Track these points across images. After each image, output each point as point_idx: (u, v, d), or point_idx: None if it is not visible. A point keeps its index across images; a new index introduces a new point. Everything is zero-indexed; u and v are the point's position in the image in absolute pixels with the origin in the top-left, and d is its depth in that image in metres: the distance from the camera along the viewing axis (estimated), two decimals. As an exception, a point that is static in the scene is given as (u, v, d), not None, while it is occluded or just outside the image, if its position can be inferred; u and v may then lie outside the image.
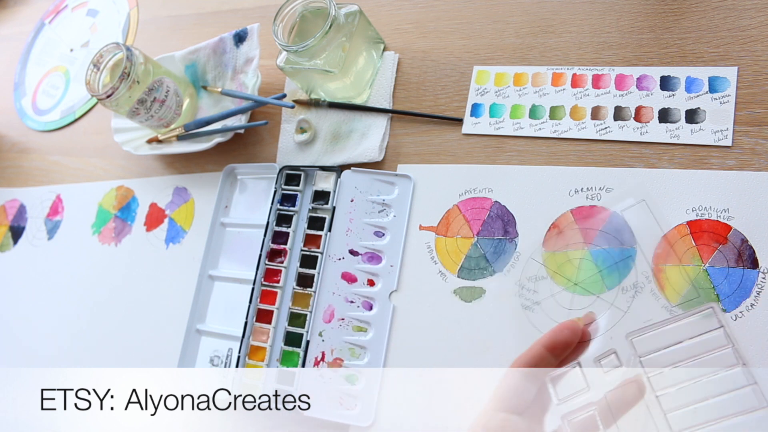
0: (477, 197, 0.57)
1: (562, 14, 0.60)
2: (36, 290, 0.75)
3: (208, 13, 0.81)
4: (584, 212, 0.52)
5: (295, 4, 0.60)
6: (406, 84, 0.64)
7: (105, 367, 0.67)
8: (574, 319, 0.46)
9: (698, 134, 0.51)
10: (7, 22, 1.01)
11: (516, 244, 0.54)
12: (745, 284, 0.46)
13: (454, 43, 0.64)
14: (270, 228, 0.62)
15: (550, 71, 0.58)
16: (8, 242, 0.81)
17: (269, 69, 0.70)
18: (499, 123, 0.58)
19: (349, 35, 0.59)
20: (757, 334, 0.45)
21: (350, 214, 0.60)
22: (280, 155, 0.66)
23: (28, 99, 0.90)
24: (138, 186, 0.74)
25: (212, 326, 0.63)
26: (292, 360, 0.58)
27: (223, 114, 0.66)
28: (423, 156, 0.60)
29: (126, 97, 0.64)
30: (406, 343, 0.55)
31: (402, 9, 0.68)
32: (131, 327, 0.67)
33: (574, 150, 0.55)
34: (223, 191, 0.67)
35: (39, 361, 0.71)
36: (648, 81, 0.54)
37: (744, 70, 0.52)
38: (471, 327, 0.53)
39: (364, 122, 0.63)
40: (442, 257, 0.56)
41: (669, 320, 0.46)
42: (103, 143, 0.79)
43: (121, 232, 0.72)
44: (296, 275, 0.60)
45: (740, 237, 0.47)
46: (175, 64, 0.71)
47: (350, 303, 0.58)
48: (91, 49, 0.87)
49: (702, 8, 0.55)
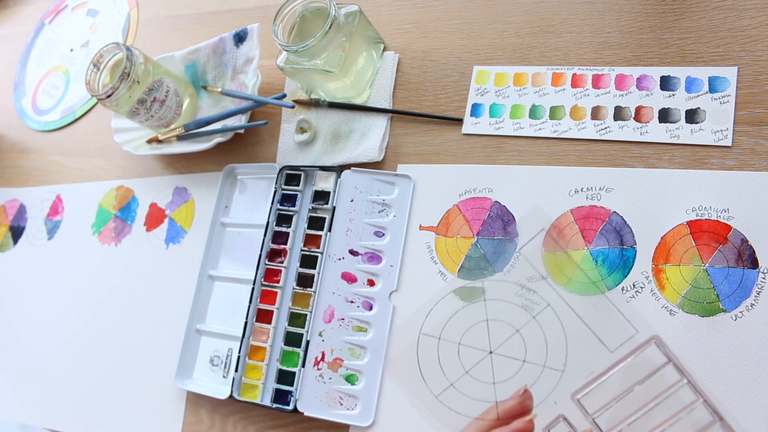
0: (477, 197, 0.57)
1: (562, 14, 0.60)
2: (36, 290, 0.75)
3: (208, 13, 0.81)
4: (584, 212, 0.52)
5: (295, 4, 0.60)
6: (406, 84, 0.64)
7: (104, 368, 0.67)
8: (506, 405, 0.43)
9: (698, 134, 0.51)
10: (7, 22, 1.01)
11: (516, 244, 0.54)
12: (745, 284, 0.46)
13: (454, 43, 0.64)
14: (270, 228, 0.62)
15: (550, 71, 0.58)
16: (8, 242, 0.81)
17: (269, 69, 0.70)
18: (499, 123, 0.58)
19: (349, 35, 0.59)
20: (757, 334, 0.45)
21: (350, 214, 0.60)
22: (280, 155, 0.66)
23: (28, 99, 0.90)
24: (138, 186, 0.74)
25: (212, 326, 0.63)
26: (292, 360, 0.58)
27: (223, 114, 0.66)
28: (423, 156, 0.60)
29: (126, 97, 0.64)
30: (406, 343, 0.55)
31: (402, 9, 0.68)
32: (131, 327, 0.67)
33: (574, 150, 0.55)
34: (223, 191, 0.67)
35: (39, 361, 0.72)
36: (648, 81, 0.54)
37: (744, 70, 0.52)
38: (471, 327, 0.53)
39: (364, 122, 0.63)
40: (442, 257, 0.56)
41: (612, 367, 0.44)
42: (103, 143, 0.79)
43: (121, 232, 0.72)
44: (296, 275, 0.60)
45: (740, 237, 0.47)
46: (175, 64, 0.71)
47: (350, 303, 0.58)
48: (91, 49, 0.87)
49: (702, 8, 0.55)
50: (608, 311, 0.49)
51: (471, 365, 0.52)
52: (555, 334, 0.50)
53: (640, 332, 0.48)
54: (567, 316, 0.50)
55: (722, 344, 0.46)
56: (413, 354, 0.54)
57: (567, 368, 0.49)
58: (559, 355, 0.49)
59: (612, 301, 0.49)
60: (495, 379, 0.51)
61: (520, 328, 0.51)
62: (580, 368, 0.49)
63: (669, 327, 0.47)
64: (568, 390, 0.48)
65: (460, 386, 0.52)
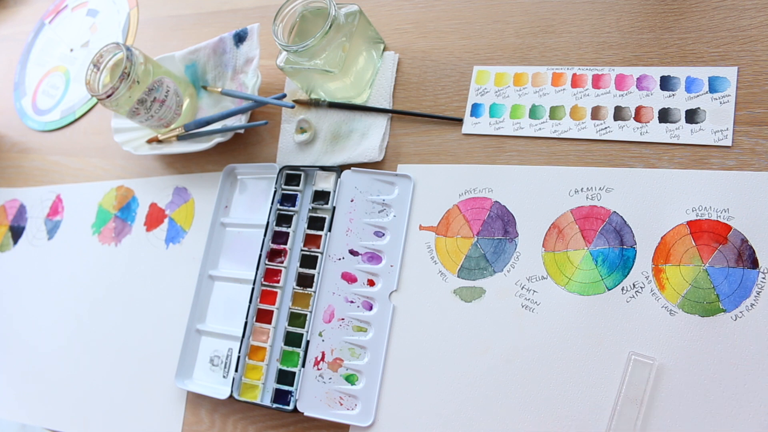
0: (477, 197, 0.57)
1: (562, 14, 0.60)
2: (36, 290, 0.75)
3: (208, 13, 0.80)
4: (584, 212, 0.52)
5: (295, 4, 0.60)
6: (406, 84, 0.64)
7: (104, 368, 0.67)
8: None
9: (698, 134, 0.51)
10: (7, 22, 1.01)
11: (516, 244, 0.54)
12: (745, 284, 0.46)
13: (454, 43, 0.64)
14: (270, 228, 0.62)
15: (550, 71, 0.58)
16: (8, 242, 0.81)
17: (269, 69, 0.70)
18: (499, 123, 0.58)
19: (349, 35, 0.59)
20: (757, 334, 0.45)
21: (350, 214, 0.60)
22: (280, 155, 0.66)
23: (28, 99, 0.90)
24: (138, 186, 0.74)
25: (212, 326, 0.63)
26: (292, 360, 0.58)
27: (223, 114, 0.66)
28: (423, 156, 0.60)
29: (126, 97, 0.64)
30: (406, 343, 0.55)
31: (402, 9, 0.68)
32: (131, 327, 0.67)
33: (574, 150, 0.55)
34: (223, 191, 0.67)
35: (39, 361, 0.72)
36: (648, 81, 0.54)
37: (744, 70, 0.52)
38: (471, 327, 0.53)
39: (364, 122, 0.63)
40: (442, 257, 0.56)
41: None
42: (103, 143, 0.79)
43: (121, 232, 0.72)
44: (296, 275, 0.60)
45: (740, 237, 0.47)
46: (175, 64, 0.71)
47: (350, 303, 0.58)
48: (91, 49, 0.87)
49: (702, 8, 0.55)
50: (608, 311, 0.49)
51: (471, 365, 0.52)
52: (555, 335, 0.50)
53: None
54: (567, 317, 0.50)
55: (722, 344, 0.46)
56: (413, 354, 0.54)
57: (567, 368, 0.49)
58: (559, 355, 0.49)
59: (612, 301, 0.49)
60: (495, 378, 0.51)
61: (520, 328, 0.51)
62: (580, 368, 0.49)
63: (669, 327, 0.47)
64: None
65: (461, 386, 0.52)
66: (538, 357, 0.50)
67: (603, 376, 0.48)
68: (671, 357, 0.46)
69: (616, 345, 0.48)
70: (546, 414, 0.49)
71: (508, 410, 0.50)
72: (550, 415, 0.49)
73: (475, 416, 0.51)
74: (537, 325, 0.51)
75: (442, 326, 0.54)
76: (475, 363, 0.52)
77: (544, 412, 0.49)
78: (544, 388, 0.49)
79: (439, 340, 0.54)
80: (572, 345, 0.49)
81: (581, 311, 0.50)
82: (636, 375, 0.46)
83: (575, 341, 0.49)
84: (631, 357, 0.47)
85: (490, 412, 0.50)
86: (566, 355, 0.49)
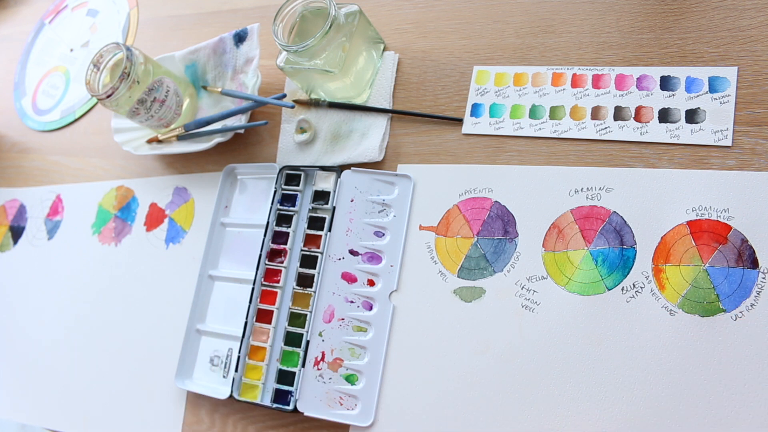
0: (477, 197, 0.57)
1: (562, 14, 0.60)
2: (36, 290, 0.75)
3: (208, 13, 0.81)
4: (584, 212, 0.52)
5: (295, 4, 0.60)
6: (406, 84, 0.64)
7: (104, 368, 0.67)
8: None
9: (698, 134, 0.51)
10: (7, 22, 1.01)
11: (516, 244, 0.54)
12: (745, 284, 0.46)
13: (454, 43, 0.64)
14: (270, 228, 0.62)
15: (550, 71, 0.58)
16: (8, 242, 0.81)
17: (269, 69, 0.70)
18: (499, 123, 0.58)
19: (349, 35, 0.59)
20: (757, 334, 0.45)
21: (350, 214, 0.60)
22: (280, 155, 0.66)
23: (28, 99, 0.90)
24: (138, 186, 0.74)
25: (212, 326, 0.63)
26: (292, 360, 0.58)
27: (223, 114, 0.66)
28: (423, 156, 0.60)
29: (126, 97, 0.64)
30: (406, 343, 0.55)
31: (402, 9, 0.68)
32: (131, 327, 0.67)
33: (574, 150, 0.55)
34: (223, 191, 0.67)
35: (39, 361, 0.72)
36: (648, 81, 0.54)
37: (744, 70, 0.52)
38: (471, 327, 0.53)
39: (364, 122, 0.63)
40: (442, 257, 0.56)
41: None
42: (103, 143, 0.79)
43: (121, 232, 0.72)
44: (296, 275, 0.60)
45: (740, 237, 0.47)
46: (175, 64, 0.71)
47: (350, 303, 0.58)
48: (91, 49, 0.87)
49: (702, 8, 0.55)
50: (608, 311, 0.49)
51: (471, 365, 0.52)
52: (555, 335, 0.50)
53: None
54: (567, 317, 0.50)
55: (722, 344, 0.46)
56: (413, 354, 0.54)
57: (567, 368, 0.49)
58: (558, 355, 0.49)
59: (612, 301, 0.49)
60: (495, 378, 0.51)
61: (520, 328, 0.51)
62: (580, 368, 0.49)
63: (669, 327, 0.47)
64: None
65: (460, 386, 0.52)
66: (538, 357, 0.50)
67: (603, 376, 0.48)
68: (671, 357, 0.46)
69: (616, 345, 0.48)
70: (546, 414, 0.49)
71: (508, 410, 0.50)
72: (549, 414, 0.49)
73: (475, 416, 0.51)
74: (537, 325, 0.51)
75: (442, 326, 0.54)
76: (475, 363, 0.52)
77: (544, 412, 0.49)
78: (544, 388, 0.49)
79: (439, 340, 0.54)
80: (572, 345, 0.49)
81: (581, 311, 0.50)
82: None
83: (575, 341, 0.49)
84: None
85: (490, 412, 0.50)
86: (566, 355, 0.49)
